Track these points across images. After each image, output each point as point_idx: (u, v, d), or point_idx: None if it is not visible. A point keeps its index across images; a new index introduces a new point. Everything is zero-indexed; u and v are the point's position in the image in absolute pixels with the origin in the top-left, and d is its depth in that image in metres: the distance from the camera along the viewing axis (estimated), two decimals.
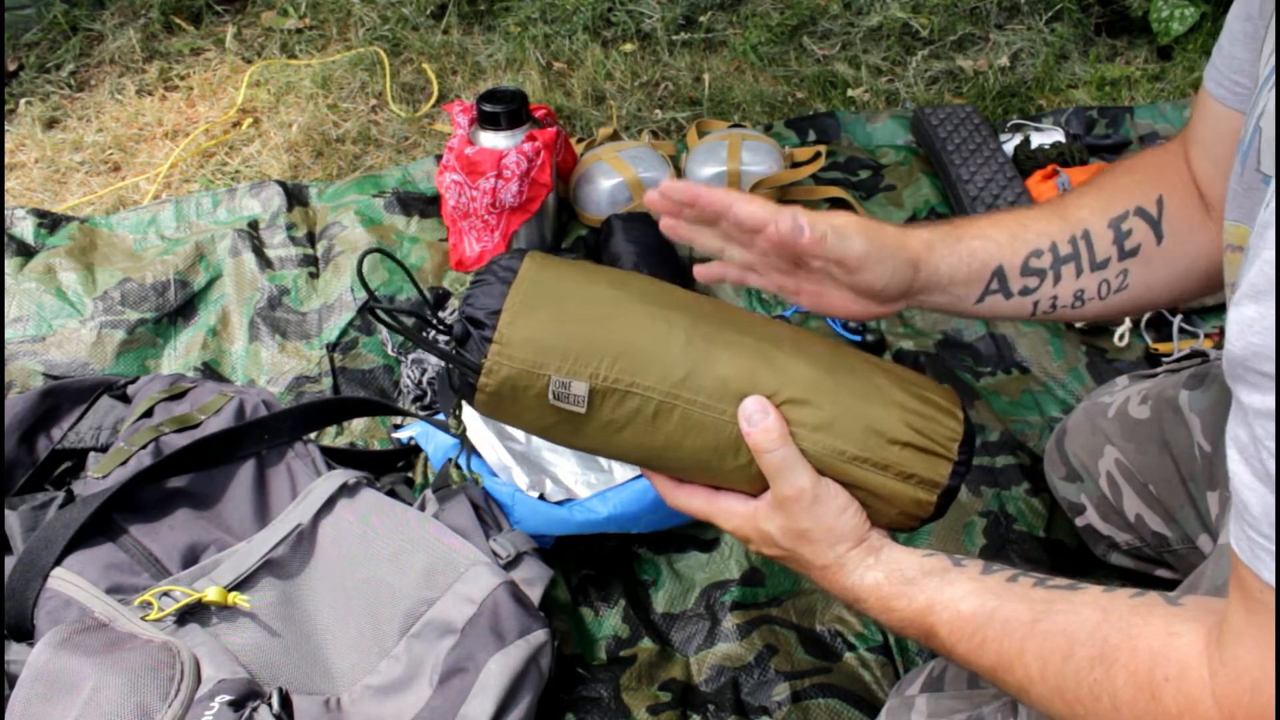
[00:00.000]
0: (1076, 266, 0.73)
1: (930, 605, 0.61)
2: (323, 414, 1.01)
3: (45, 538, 0.81)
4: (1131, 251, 0.73)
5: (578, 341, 0.61)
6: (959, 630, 0.59)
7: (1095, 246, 0.72)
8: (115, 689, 0.69)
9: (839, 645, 0.99)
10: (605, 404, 0.61)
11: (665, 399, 0.61)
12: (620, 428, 0.62)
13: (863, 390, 0.64)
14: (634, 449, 0.64)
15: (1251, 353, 0.44)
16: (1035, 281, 0.73)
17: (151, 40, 1.88)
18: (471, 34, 1.90)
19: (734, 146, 1.45)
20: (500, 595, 0.83)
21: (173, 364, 1.28)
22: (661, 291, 0.65)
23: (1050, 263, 0.72)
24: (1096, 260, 0.73)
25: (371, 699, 0.80)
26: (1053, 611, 0.56)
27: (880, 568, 0.64)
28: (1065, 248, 0.72)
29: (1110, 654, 0.52)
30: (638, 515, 1.00)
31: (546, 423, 0.63)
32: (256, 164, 1.61)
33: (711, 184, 1.43)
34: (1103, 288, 0.74)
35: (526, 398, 0.61)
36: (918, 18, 1.88)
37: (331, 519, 0.89)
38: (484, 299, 0.61)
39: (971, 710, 0.73)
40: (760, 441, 0.62)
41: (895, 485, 0.64)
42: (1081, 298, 0.74)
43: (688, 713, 0.94)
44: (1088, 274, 0.73)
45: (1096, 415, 0.97)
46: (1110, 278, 0.73)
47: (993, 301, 0.73)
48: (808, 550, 0.65)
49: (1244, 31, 0.66)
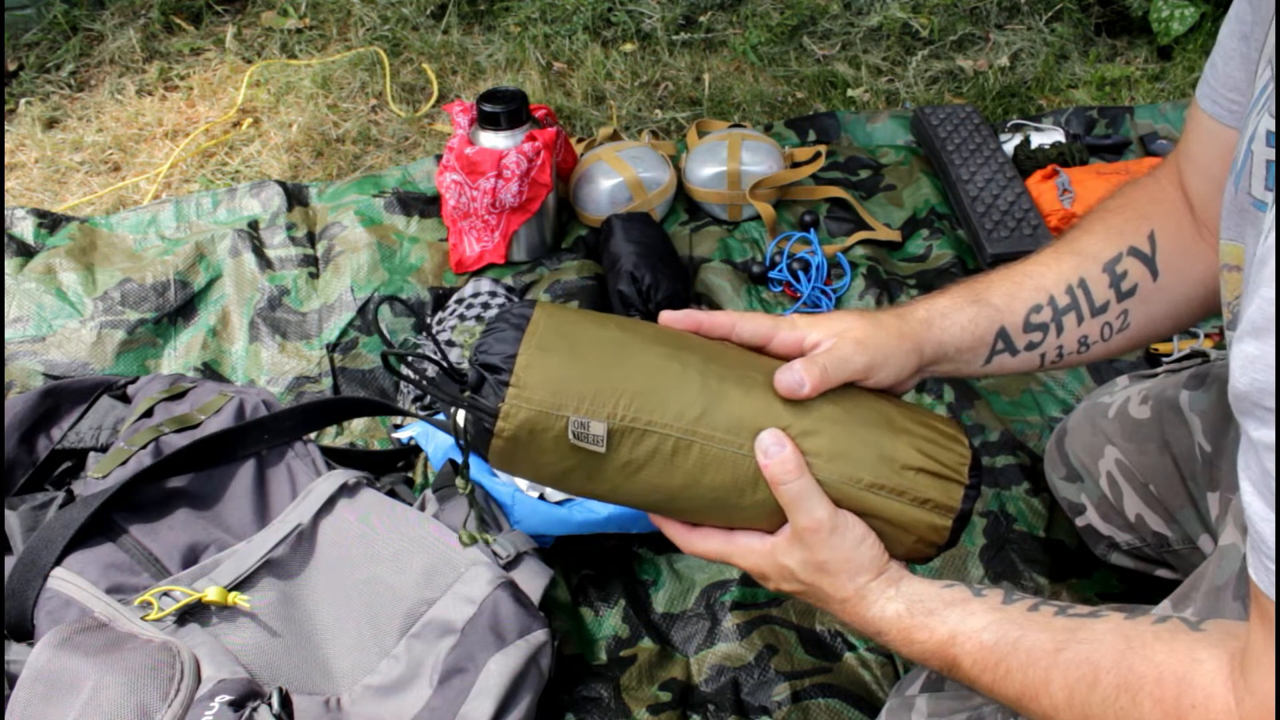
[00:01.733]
0: (1077, 315, 0.73)
1: (953, 637, 0.61)
2: (323, 414, 1.01)
3: (45, 538, 0.81)
4: (1129, 292, 0.74)
5: (594, 383, 0.61)
6: (982, 661, 0.59)
7: (1093, 292, 0.73)
8: (115, 689, 0.69)
9: (839, 645, 0.99)
10: (624, 443, 0.61)
11: (683, 436, 0.62)
12: (639, 468, 0.62)
13: (873, 419, 0.64)
14: (652, 490, 0.64)
15: (1256, 389, 0.44)
16: (1039, 336, 0.73)
17: (151, 40, 1.88)
18: (471, 34, 1.90)
19: (734, 146, 1.45)
20: (500, 595, 0.83)
21: (173, 364, 1.28)
22: (670, 334, 0.66)
23: (1051, 316, 0.73)
24: (1096, 306, 0.73)
25: (371, 699, 0.80)
26: (1076, 640, 0.56)
27: (901, 599, 0.63)
28: (1064, 299, 0.73)
29: (1135, 682, 0.52)
30: (638, 515, 1.00)
31: (564, 466, 0.62)
32: (256, 164, 1.61)
33: (711, 184, 1.44)
34: (1105, 330, 0.74)
35: (545, 440, 0.61)
36: (918, 18, 1.88)
37: (331, 519, 0.89)
38: (498, 345, 0.61)
39: (971, 711, 0.73)
40: (778, 473, 0.62)
41: (912, 511, 0.64)
42: (1086, 343, 0.74)
43: (688, 713, 0.94)
44: (1089, 320, 0.73)
45: (1096, 415, 0.97)
46: (1111, 320, 0.74)
47: (1000, 360, 0.74)
48: (828, 583, 0.64)
49: (1239, 51, 0.66)
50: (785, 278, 1.37)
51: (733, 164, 1.43)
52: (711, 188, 1.45)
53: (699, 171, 1.46)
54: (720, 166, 1.44)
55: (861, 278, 1.37)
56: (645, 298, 1.27)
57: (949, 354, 0.71)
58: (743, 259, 1.41)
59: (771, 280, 1.38)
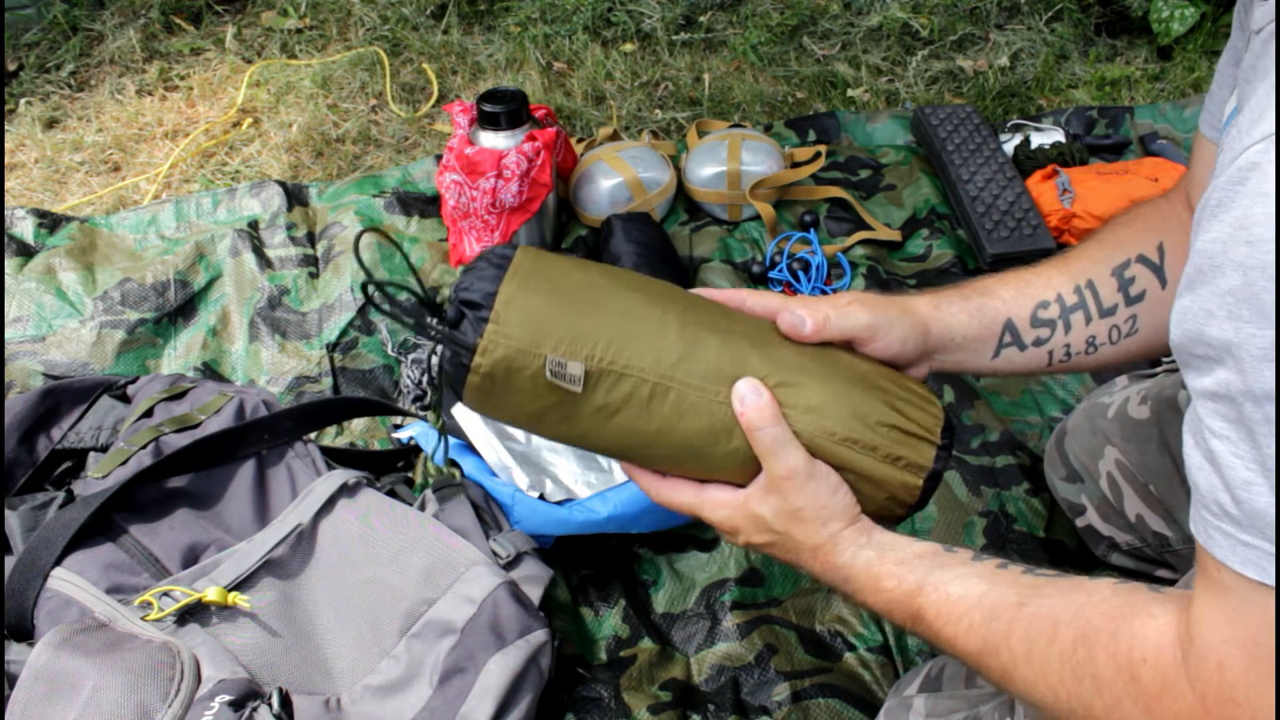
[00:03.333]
0: (1085, 314, 0.74)
1: (920, 586, 0.61)
2: (323, 414, 1.01)
3: (45, 538, 0.81)
4: (1137, 297, 0.74)
5: (574, 324, 0.61)
6: (947, 613, 0.60)
7: (1101, 294, 0.74)
8: (115, 689, 0.69)
9: (839, 645, 0.99)
10: (600, 386, 0.61)
11: (660, 381, 0.62)
12: (614, 412, 0.62)
13: (850, 376, 0.65)
14: (626, 435, 0.64)
15: (1189, 338, 0.47)
16: (1046, 332, 0.74)
17: (151, 40, 1.88)
18: (471, 34, 1.90)
19: (734, 146, 1.45)
20: (500, 595, 0.83)
21: (173, 364, 1.28)
22: (653, 283, 0.66)
23: (1058, 313, 0.74)
24: (1104, 307, 0.74)
25: (371, 699, 0.80)
26: (1040, 595, 0.57)
27: (873, 548, 0.64)
28: (1071, 297, 0.74)
29: (1093, 635, 0.53)
30: (638, 515, 1.00)
31: (540, 407, 0.62)
32: (256, 164, 1.61)
33: (711, 184, 1.44)
34: (1113, 333, 0.75)
35: (521, 379, 0.61)
36: (918, 18, 1.88)
37: (331, 519, 0.89)
38: (479, 283, 0.61)
39: (969, 710, 0.73)
40: (754, 419, 0.62)
41: (883, 468, 0.65)
42: (1094, 344, 0.75)
43: (688, 713, 0.94)
44: (1097, 321, 0.74)
45: (1096, 416, 0.97)
46: (1119, 323, 0.75)
47: (1009, 355, 0.75)
48: (800, 531, 0.65)
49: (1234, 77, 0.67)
50: (785, 278, 1.37)
51: (733, 164, 1.43)
52: (711, 188, 1.45)
53: (699, 171, 1.46)
54: (720, 166, 1.44)
55: (861, 278, 1.37)
56: None
57: (956, 340, 0.72)
58: (743, 259, 1.41)
59: (771, 280, 1.38)
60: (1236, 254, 0.44)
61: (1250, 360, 0.44)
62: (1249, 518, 0.46)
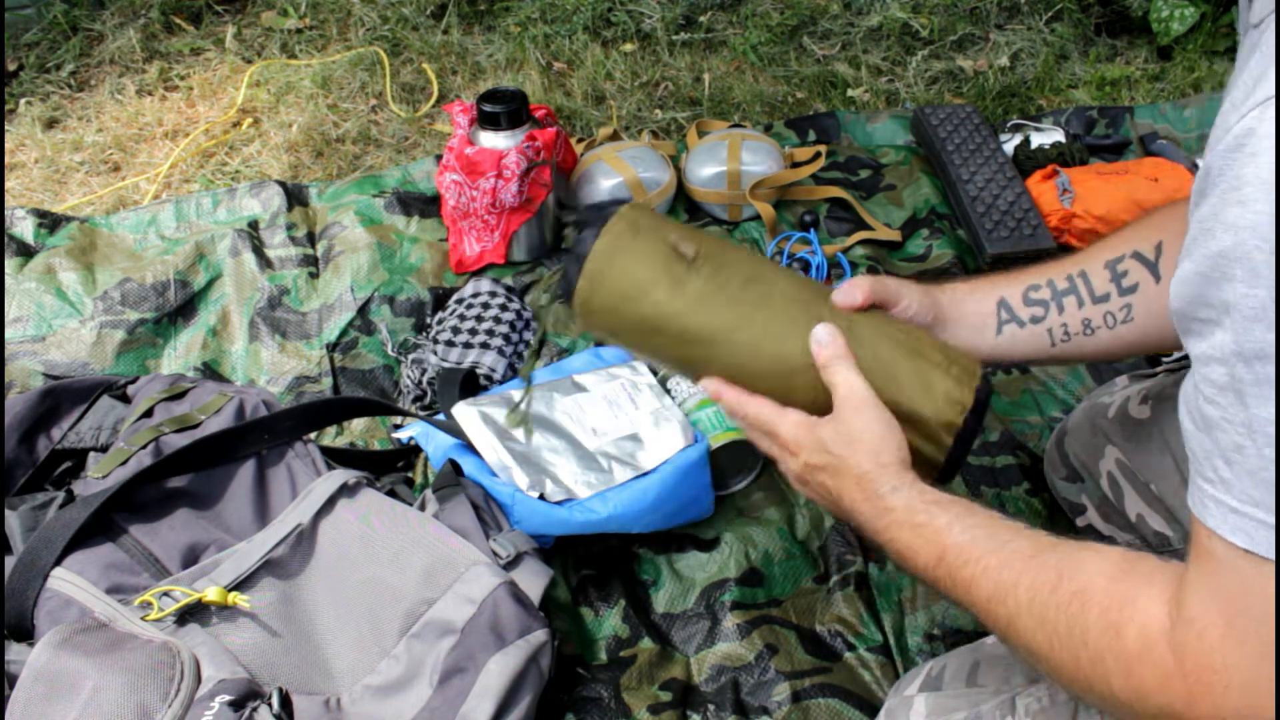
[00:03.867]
0: (1077, 299, 0.78)
1: (949, 525, 0.64)
2: (323, 414, 1.01)
3: (45, 538, 0.81)
4: (1130, 289, 0.78)
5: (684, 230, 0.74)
6: (966, 553, 0.62)
7: (1093, 283, 0.78)
8: (115, 689, 0.69)
9: (839, 645, 0.99)
10: (706, 266, 0.72)
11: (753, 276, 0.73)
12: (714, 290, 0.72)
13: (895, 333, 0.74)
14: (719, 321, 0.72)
15: (1186, 303, 0.49)
16: (1040, 311, 0.79)
17: (151, 40, 1.88)
18: (471, 34, 1.90)
19: (734, 146, 1.45)
20: (500, 595, 0.83)
21: (173, 364, 1.28)
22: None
23: (1050, 295, 0.79)
24: (1096, 294, 0.78)
25: (371, 699, 0.80)
26: (1054, 551, 0.59)
27: (914, 488, 0.67)
28: (1062, 283, 0.79)
29: (1090, 590, 0.55)
30: (638, 515, 1.00)
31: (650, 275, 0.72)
32: (256, 164, 1.61)
33: (711, 184, 1.44)
34: (1108, 318, 0.79)
35: (646, 241, 0.72)
36: (918, 18, 1.88)
37: (331, 519, 0.89)
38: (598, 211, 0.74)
39: (970, 709, 0.73)
40: (827, 357, 0.70)
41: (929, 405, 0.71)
42: (1090, 327, 0.79)
43: (688, 713, 0.94)
44: (1090, 306, 0.78)
45: (1096, 415, 0.97)
46: (1114, 310, 0.78)
47: (1010, 331, 0.79)
48: (854, 457, 0.69)
49: None
50: None
51: (733, 164, 1.43)
52: (711, 188, 1.45)
53: (699, 171, 1.46)
54: (720, 166, 1.44)
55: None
56: None
57: (962, 312, 0.80)
58: None
59: None
60: (1228, 215, 0.45)
61: (1241, 320, 0.45)
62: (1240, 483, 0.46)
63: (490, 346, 1.21)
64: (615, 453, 1.05)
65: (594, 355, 1.21)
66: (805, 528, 1.08)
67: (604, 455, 1.04)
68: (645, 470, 1.03)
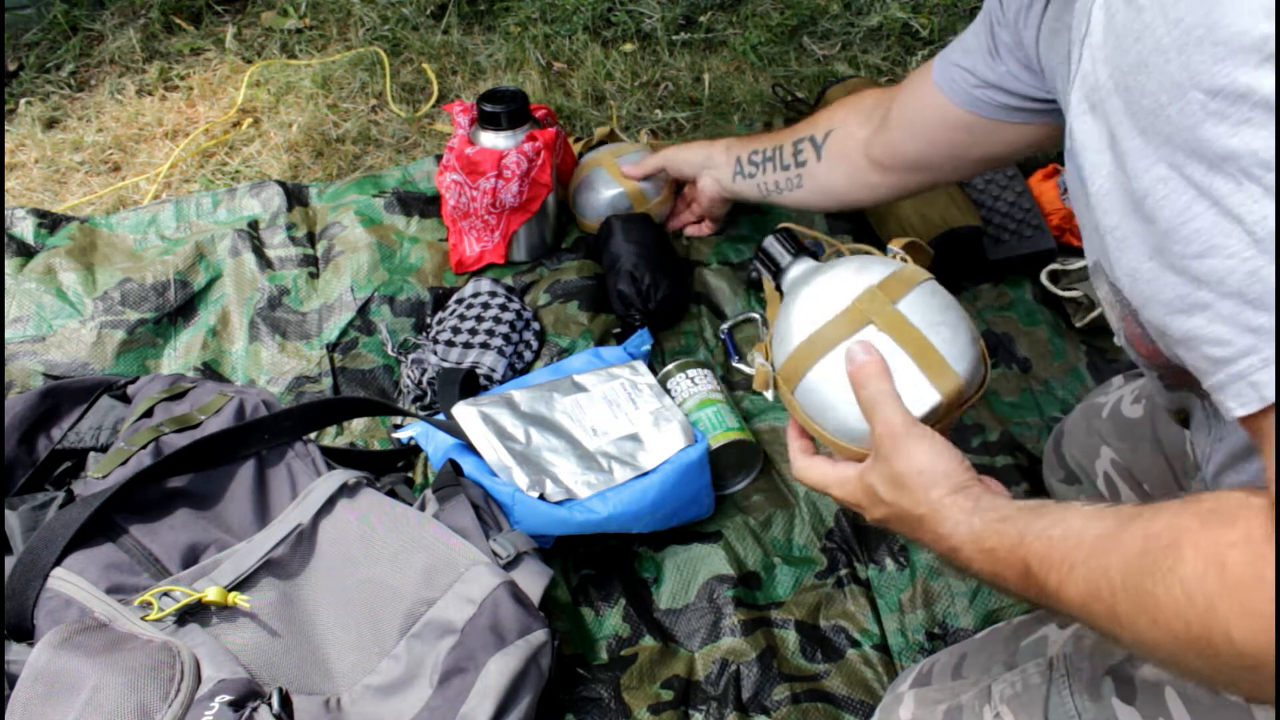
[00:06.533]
0: (773, 165, 1.16)
1: (1021, 538, 0.57)
2: (323, 414, 1.01)
3: (45, 538, 0.81)
4: (802, 163, 1.13)
5: None
6: (1049, 559, 0.55)
7: (782, 154, 1.15)
8: (115, 689, 0.69)
9: (842, 641, 0.99)
10: None
11: None
12: None
13: None
14: None
15: None
16: (755, 170, 1.19)
17: (151, 40, 1.88)
18: (471, 34, 1.90)
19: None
20: (500, 595, 0.83)
21: (173, 364, 1.28)
22: None
23: (760, 160, 1.18)
24: (783, 163, 1.15)
25: (371, 699, 0.80)
26: (1140, 518, 0.51)
27: (977, 514, 0.61)
28: (769, 152, 1.17)
29: (1180, 536, 0.47)
30: (638, 515, 1.00)
31: None
32: (256, 164, 1.61)
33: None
34: (789, 183, 1.15)
35: None
36: (918, 18, 1.88)
37: (331, 519, 0.89)
38: None
39: (952, 700, 0.73)
40: (861, 376, 0.66)
41: None
42: (780, 187, 1.17)
43: (689, 711, 0.94)
44: (779, 171, 1.16)
45: (1092, 416, 0.97)
46: (792, 176, 1.14)
47: (740, 180, 1.23)
48: (906, 500, 0.64)
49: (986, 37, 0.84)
50: None
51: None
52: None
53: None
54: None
55: None
56: (645, 297, 1.27)
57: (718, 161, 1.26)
58: (740, 260, 1.41)
59: None
60: None
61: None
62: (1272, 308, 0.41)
63: (490, 346, 1.21)
64: (615, 453, 1.05)
65: (594, 355, 1.21)
66: (806, 528, 1.08)
67: (604, 455, 1.04)
68: (645, 470, 1.03)
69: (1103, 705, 0.64)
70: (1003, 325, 1.32)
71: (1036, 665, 0.70)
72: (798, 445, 0.75)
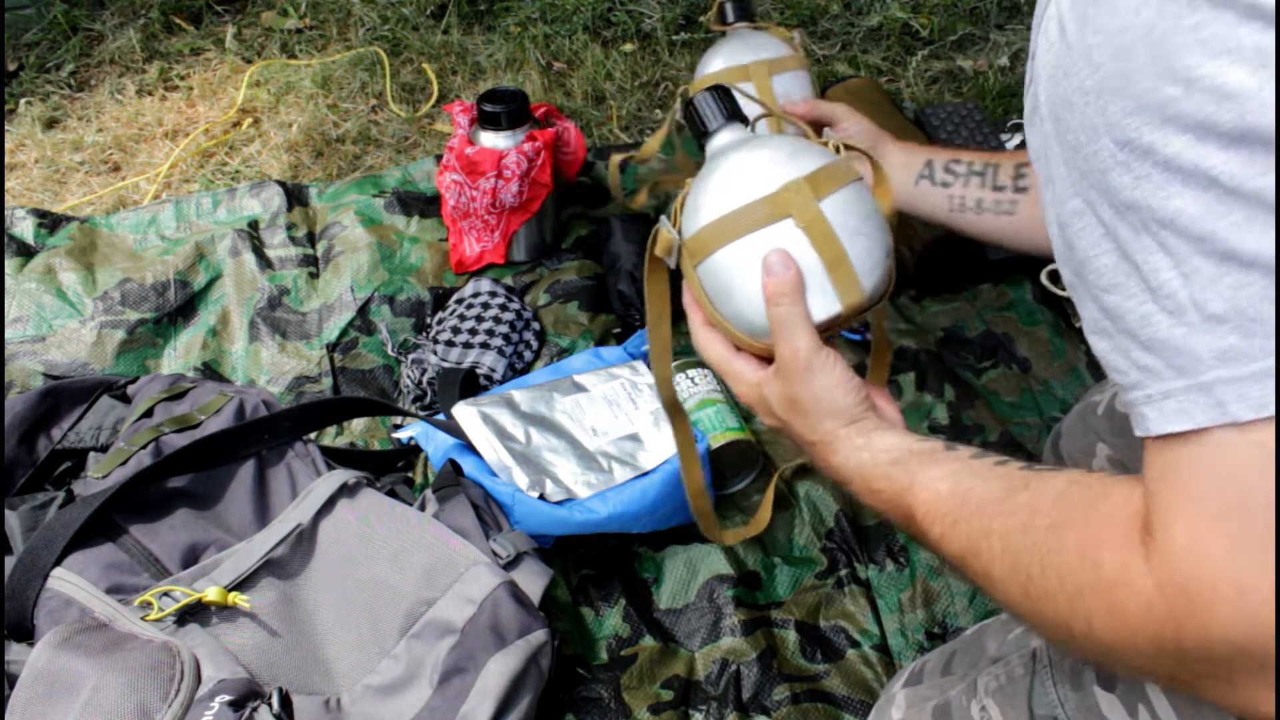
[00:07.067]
0: (982, 181, 0.94)
1: (910, 486, 0.59)
2: (323, 414, 1.01)
3: (45, 538, 0.81)
4: (1023, 189, 0.91)
5: None
6: (934, 511, 0.57)
7: (999, 174, 0.93)
8: (115, 689, 0.69)
9: (842, 642, 0.99)
10: None
11: None
12: None
13: None
14: None
15: None
16: (952, 179, 0.95)
17: (151, 40, 1.88)
18: (471, 34, 1.90)
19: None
20: (500, 595, 0.83)
21: (173, 364, 1.28)
22: None
23: (965, 171, 0.94)
24: (997, 183, 0.93)
25: (371, 699, 0.80)
26: (1027, 487, 0.53)
27: (868, 450, 0.62)
28: (979, 165, 0.94)
29: (1065, 520, 0.48)
30: (638, 515, 1.00)
31: None
32: (256, 164, 1.61)
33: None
34: (996, 205, 0.93)
35: None
36: (918, 18, 1.88)
37: (331, 519, 0.89)
38: None
39: (940, 696, 0.74)
40: (774, 292, 0.63)
41: None
42: (981, 206, 0.94)
43: (689, 711, 0.94)
44: (988, 190, 0.93)
45: (1088, 414, 0.98)
46: (1004, 199, 0.93)
47: (924, 186, 0.96)
48: (799, 423, 0.65)
49: None
50: None
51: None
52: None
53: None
54: None
55: None
56: None
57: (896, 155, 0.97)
58: None
59: None
60: None
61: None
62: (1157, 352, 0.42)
63: (490, 346, 1.21)
64: (615, 453, 1.05)
65: (594, 355, 1.21)
66: (806, 528, 1.08)
67: (604, 455, 1.04)
68: (645, 470, 1.03)
69: (1085, 694, 0.64)
70: (1003, 325, 1.32)
71: (1020, 657, 0.70)
72: (698, 317, 0.70)
